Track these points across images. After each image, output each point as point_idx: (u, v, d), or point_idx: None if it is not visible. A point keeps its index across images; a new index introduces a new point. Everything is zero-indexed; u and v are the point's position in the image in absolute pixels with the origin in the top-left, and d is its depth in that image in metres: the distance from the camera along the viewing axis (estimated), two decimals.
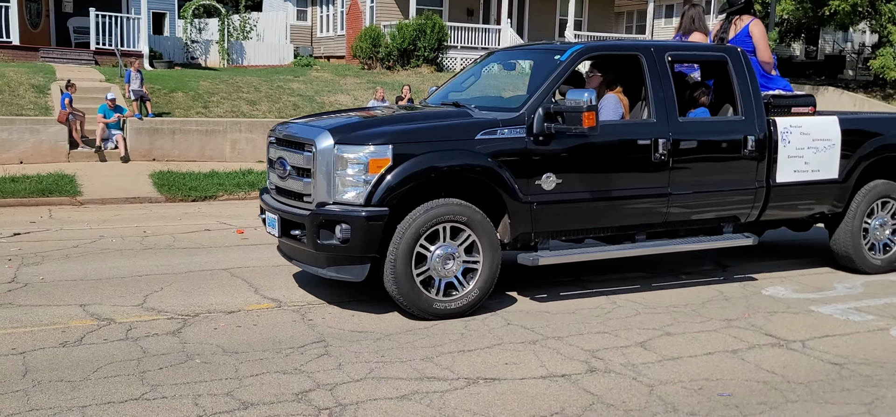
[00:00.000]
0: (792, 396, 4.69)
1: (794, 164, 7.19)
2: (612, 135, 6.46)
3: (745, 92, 7.04)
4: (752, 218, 7.22)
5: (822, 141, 7.30)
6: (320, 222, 5.78)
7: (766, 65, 7.77)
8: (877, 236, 7.76)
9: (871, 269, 7.72)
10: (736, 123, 7.01)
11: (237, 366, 4.94)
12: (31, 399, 4.38)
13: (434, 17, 25.66)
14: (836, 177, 7.42)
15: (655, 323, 6.05)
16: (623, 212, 6.60)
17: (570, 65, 6.49)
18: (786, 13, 27.70)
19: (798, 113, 7.37)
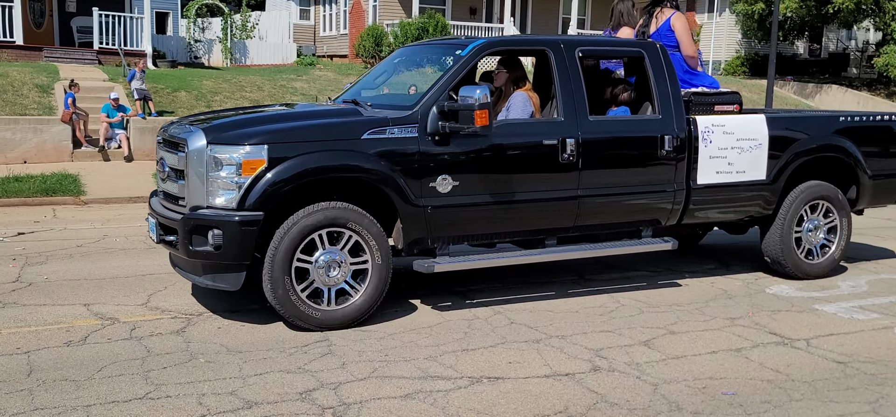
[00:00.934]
0: (796, 395, 4.68)
1: (717, 165, 6.86)
2: (515, 135, 6.15)
3: (662, 89, 6.70)
4: (673, 221, 6.89)
5: (748, 141, 6.97)
6: (192, 227, 5.44)
7: (691, 60, 7.43)
8: (810, 239, 7.41)
9: (803, 274, 7.39)
10: (652, 122, 6.66)
11: (241, 365, 4.94)
12: (35, 398, 4.39)
13: (437, 16, 25.66)
14: (764, 179, 7.08)
15: (659, 322, 6.05)
16: (528, 216, 6.27)
17: (470, 61, 6.17)
18: (789, 11, 27.64)
19: (722, 111, 7.07)
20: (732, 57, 33.02)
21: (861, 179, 7.57)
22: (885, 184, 7.81)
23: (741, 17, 30.38)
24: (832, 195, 7.43)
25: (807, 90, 28.94)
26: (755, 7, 28.49)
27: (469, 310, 6.25)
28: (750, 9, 28.76)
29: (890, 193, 7.93)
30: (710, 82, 7.49)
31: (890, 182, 7.85)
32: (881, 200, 7.94)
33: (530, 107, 6.47)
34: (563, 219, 6.40)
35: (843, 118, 7.57)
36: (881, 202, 7.99)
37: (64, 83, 17.06)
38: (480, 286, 7.01)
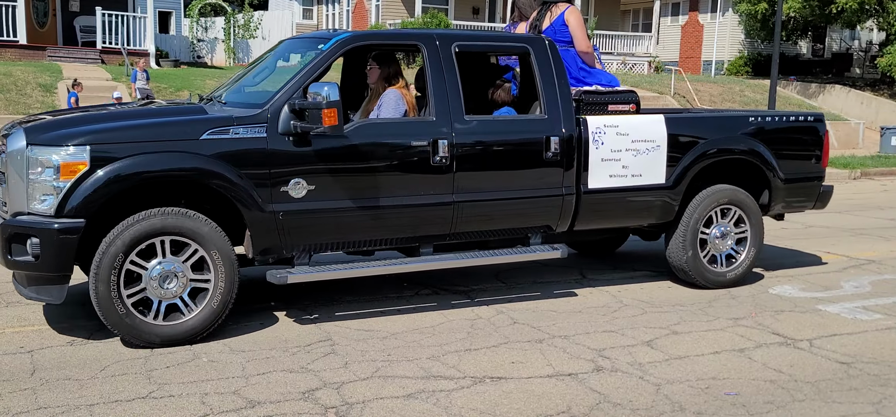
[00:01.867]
0: (799, 395, 4.68)
1: (610, 168, 6.43)
2: (379, 136, 5.73)
3: (549, 87, 6.25)
4: (564, 228, 6.47)
5: (645, 142, 6.53)
6: (10, 235, 5.02)
7: (587, 56, 6.94)
8: (717, 247, 6.95)
9: (710, 284, 6.94)
10: (537, 123, 6.24)
11: (244, 365, 4.95)
12: (39, 397, 4.40)
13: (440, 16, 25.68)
14: (663, 183, 6.64)
15: (662, 322, 6.05)
16: (398, 223, 5.86)
17: (331, 56, 5.74)
18: (793, 11, 27.61)
19: (617, 111, 6.63)
20: (735, 57, 33.00)
21: (773, 183, 7.12)
22: (801, 189, 7.37)
23: (744, 16, 30.35)
24: (742, 200, 6.98)
25: (810, 90, 28.90)
26: (758, 7, 28.46)
27: (472, 310, 6.25)
28: (753, 9, 28.73)
29: (806, 198, 7.46)
30: (607, 80, 7.01)
31: (806, 186, 7.39)
32: (797, 205, 7.50)
33: (403, 105, 6.07)
34: (439, 226, 5.99)
35: (754, 118, 7.19)
36: (797, 207, 7.53)
37: (67, 82, 17.09)
38: (483, 285, 7.01)
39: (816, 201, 7.54)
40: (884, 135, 22.65)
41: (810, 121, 7.46)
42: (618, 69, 29.17)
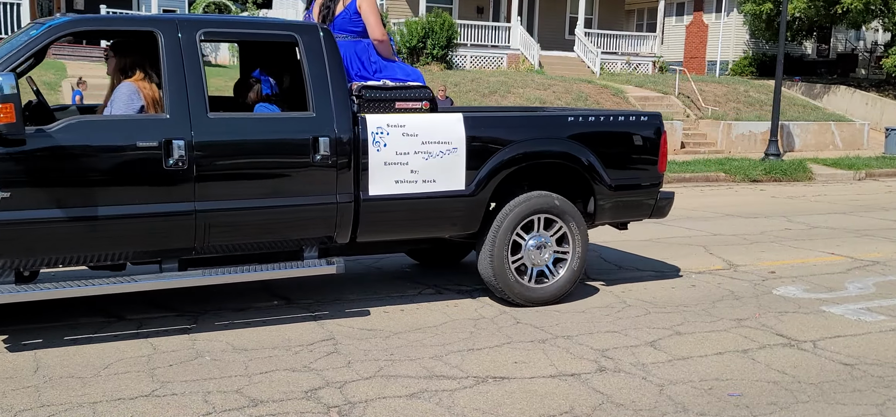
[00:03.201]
0: (803, 396, 4.67)
1: (396, 173, 5.75)
2: (93, 136, 5.03)
3: (319, 81, 5.57)
4: (345, 239, 5.78)
5: (439, 144, 5.86)
6: None
7: (382, 46, 6.30)
8: (533, 260, 6.26)
9: (524, 300, 6.27)
10: (302, 121, 5.56)
11: (247, 364, 4.95)
12: (42, 395, 4.41)
13: (444, 15, 25.66)
14: (463, 189, 5.95)
15: (665, 323, 6.04)
16: (123, 235, 5.12)
17: (40, 42, 5.08)
18: (798, 11, 27.56)
19: (405, 109, 6.00)
20: (740, 57, 32.96)
21: (597, 190, 6.43)
22: (633, 196, 6.71)
23: (749, 17, 30.31)
24: (560, 209, 6.26)
25: (815, 91, 28.84)
26: (763, 7, 28.42)
27: (475, 310, 6.25)
28: (758, 9, 28.69)
29: (641, 207, 6.80)
30: (405, 74, 6.35)
31: (639, 193, 6.73)
32: (629, 214, 6.82)
33: (139, 101, 5.40)
34: (179, 239, 5.27)
35: (574, 118, 6.48)
36: (631, 217, 6.87)
37: (71, 80, 17.12)
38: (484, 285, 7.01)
39: (654, 210, 6.84)
40: (889, 136, 22.60)
41: (644, 121, 6.75)
42: (622, 69, 29.15)
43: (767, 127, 20.84)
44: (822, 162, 19.43)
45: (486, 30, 27.80)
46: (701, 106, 23.43)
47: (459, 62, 26.32)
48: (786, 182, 16.98)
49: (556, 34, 31.00)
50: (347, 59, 6.14)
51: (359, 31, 6.30)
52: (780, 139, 20.65)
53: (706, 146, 21.52)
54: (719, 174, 16.90)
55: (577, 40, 29.11)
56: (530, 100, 20.96)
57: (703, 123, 22.54)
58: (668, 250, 8.85)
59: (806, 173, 17.59)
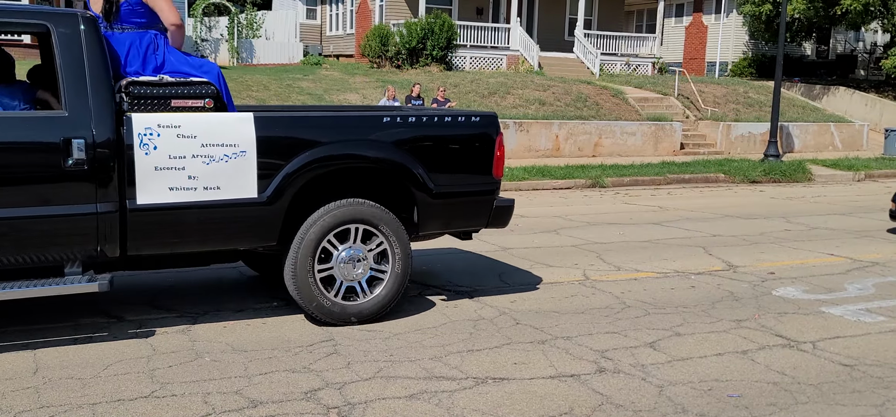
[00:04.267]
0: (802, 398, 4.67)
1: (170, 179, 5.14)
2: None
3: (74, 75, 4.96)
4: (114, 253, 5.19)
5: (223, 147, 5.26)
6: None
7: (178, 32, 5.67)
8: (346, 274, 5.70)
9: (334, 319, 5.70)
10: (50, 122, 4.96)
11: (246, 364, 4.95)
12: (41, 396, 4.40)
13: (443, 16, 25.67)
14: (255, 197, 5.38)
15: (665, 324, 6.04)
16: None
17: None
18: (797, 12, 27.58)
19: (183, 107, 5.37)
20: (739, 58, 32.97)
21: (420, 198, 5.91)
22: (464, 204, 6.19)
23: (748, 18, 30.33)
24: (375, 218, 5.73)
25: (814, 92, 28.85)
26: (763, 8, 28.43)
27: (474, 311, 6.25)
28: (757, 10, 28.71)
29: (474, 215, 6.27)
30: (195, 68, 5.66)
31: (471, 201, 6.20)
32: (461, 223, 6.31)
33: None
34: None
35: (390, 119, 5.93)
36: (462, 225, 6.35)
37: None
38: (485, 286, 7.01)
39: (490, 218, 6.33)
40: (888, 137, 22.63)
41: (476, 122, 6.20)
42: (621, 70, 29.16)
43: (767, 128, 20.85)
44: (822, 163, 19.44)
45: (485, 31, 27.80)
46: (700, 107, 23.44)
47: (459, 63, 26.32)
48: (785, 183, 16.99)
49: (556, 35, 31.00)
50: (124, 52, 5.50)
51: (143, 22, 5.60)
52: (780, 140, 20.66)
53: (705, 147, 21.53)
54: (719, 175, 16.90)
55: (577, 41, 29.12)
56: (529, 101, 20.96)
57: (703, 124, 22.55)
58: (667, 251, 8.85)
59: (805, 174, 17.61)
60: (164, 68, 5.55)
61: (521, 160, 18.37)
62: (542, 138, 19.32)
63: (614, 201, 13.50)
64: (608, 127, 20.14)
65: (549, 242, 9.30)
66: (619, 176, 16.10)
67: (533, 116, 19.85)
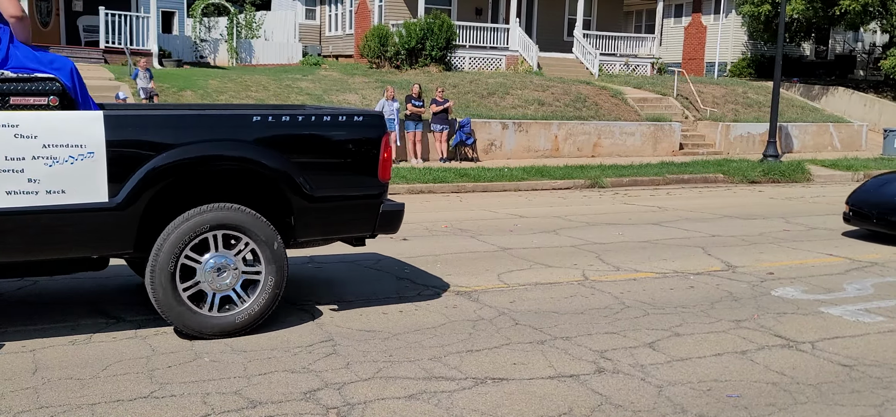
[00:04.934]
0: (801, 398, 4.67)
1: (7, 182, 4.80)
2: None
3: None
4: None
5: (69, 148, 4.92)
6: None
7: (19, 25, 5.31)
8: (214, 284, 5.38)
9: (202, 332, 5.37)
10: None
11: (245, 365, 4.95)
12: (40, 396, 4.40)
13: (442, 16, 25.66)
14: (105, 202, 5.03)
15: (664, 324, 6.04)
16: None
17: None
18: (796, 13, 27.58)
19: (23, 105, 5.01)
20: (738, 58, 32.98)
21: (295, 202, 5.57)
22: (346, 210, 5.86)
23: (747, 18, 30.33)
24: (243, 224, 5.38)
25: (813, 92, 28.86)
26: (761, 8, 28.44)
27: (474, 311, 6.25)
28: (756, 10, 28.72)
29: (358, 221, 5.93)
30: (43, 63, 5.26)
31: (353, 206, 5.87)
32: (344, 229, 5.96)
33: None
34: None
35: (261, 118, 5.55)
36: (345, 231, 5.99)
37: None
38: (484, 287, 7.01)
39: (377, 224, 5.97)
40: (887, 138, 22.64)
41: (359, 122, 5.86)
42: (621, 70, 29.16)
43: (766, 128, 20.85)
44: (821, 163, 19.45)
45: (484, 31, 27.79)
46: (699, 107, 23.44)
47: (458, 64, 26.31)
48: (784, 183, 17.00)
49: (555, 35, 30.99)
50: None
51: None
52: (779, 140, 20.67)
53: (705, 147, 21.54)
54: (718, 175, 16.91)
55: (576, 42, 29.11)
56: (528, 102, 20.96)
57: (702, 124, 22.55)
58: (666, 251, 8.85)
59: (804, 174, 17.61)
60: (7, 64, 5.14)
61: (521, 160, 18.37)
62: (541, 138, 19.32)
63: (613, 201, 13.50)
64: (607, 127, 20.14)
65: (549, 242, 9.30)
66: (618, 176, 16.10)
67: (532, 117, 19.85)
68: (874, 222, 9.84)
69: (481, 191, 14.52)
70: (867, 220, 9.97)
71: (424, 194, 13.90)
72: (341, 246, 7.00)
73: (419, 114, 17.60)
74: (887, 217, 9.68)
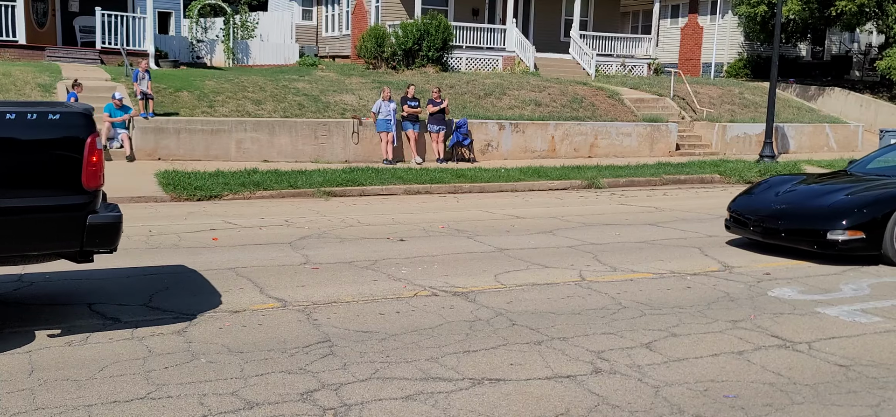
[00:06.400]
0: (798, 398, 4.68)
1: None
2: None
3: None
4: None
5: None
6: None
7: None
8: None
9: None
10: None
11: (242, 366, 4.94)
12: (36, 397, 4.39)
13: (439, 17, 25.64)
14: None
15: (661, 324, 6.04)
16: None
17: None
18: (792, 13, 27.61)
19: None
20: (734, 59, 33.01)
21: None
22: (39, 225, 5.10)
23: (743, 19, 30.36)
24: None
25: (809, 93, 28.91)
26: (758, 9, 28.47)
27: (471, 312, 6.24)
28: (752, 11, 28.75)
29: (54, 235, 5.18)
30: None
31: (49, 220, 5.12)
32: (37, 245, 5.21)
33: None
34: None
35: None
36: (40, 247, 5.24)
37: (66, 83, 17.07)
38: (481, 287, 7.01)
39: (86, 238, 5.20)
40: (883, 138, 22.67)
41: (54, 120, 5.07)
42: (617, 71, 29.17)
43: (762, 129, 20.88)
44: (817, 163, 19.47)
45: (481, 32, 27.78)
46: (696, 108, 23.46)
47: (455, 64, 26.30)
48: None
49: (552, 36, 30.99)
50: None
51: None
52: (775, 141, 20.69)
53: (701, 148, 21.55)
54: (714, 176, 16.92)
55: (572, 42, 29.11)
56: (525, 103, 20.96)
57: (698, 125, 22.57)
58: (663, 252, 8.86)
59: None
60: None
61: (517, 161, 18.37)
62: (537, 139, 19.32)
63: (610, 202, 13.50)
64: (604, 128, 20.15)
65: (546, 243, 9.30)
66: (615, 176, 16.11)
67: (529, 117, 19.85)
68: (751, 229, 8.98)
69: (478, 191, 14.52)
70: (744, 227, 9.10)
71: (421, 195, 13.89)
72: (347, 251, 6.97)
73: (416, 115, 17.59)
74: (764, 224, 8.80)
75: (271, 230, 9.85)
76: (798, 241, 8.55)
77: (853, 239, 8.20)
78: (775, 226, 8.68)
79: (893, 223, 8.22)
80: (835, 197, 8.72)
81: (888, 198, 8.43)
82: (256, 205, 12.03)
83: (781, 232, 8.63)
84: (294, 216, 11.01)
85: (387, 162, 16.94)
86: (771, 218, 8.78)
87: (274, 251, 8.45)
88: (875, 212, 8.30)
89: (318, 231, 9.83)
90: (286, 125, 17.08)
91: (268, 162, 16.37)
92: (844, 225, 8.23)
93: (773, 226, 8.70)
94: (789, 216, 8.70)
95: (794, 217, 8.68)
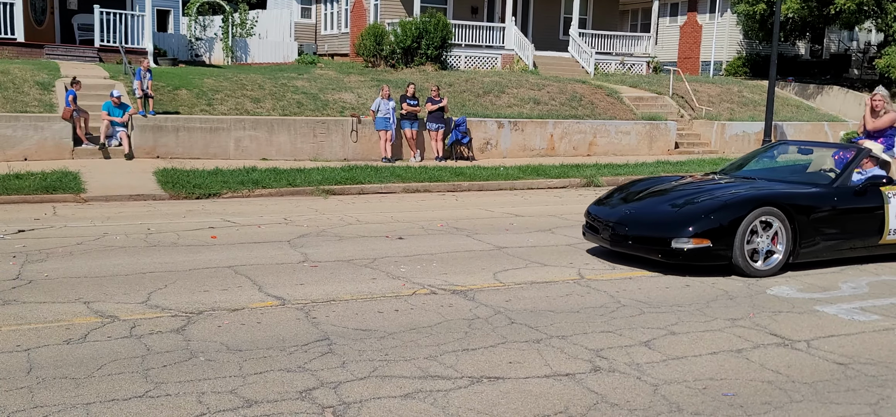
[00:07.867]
0: (797, 396, 4.68)
1: None
2: None
3: None
4: None
5: None
6: None
7: None
8: None
9: None
10: None
11: (241, 364, 4.94)
12: (35, 396, 4.39)
13: (438, 15, 25.64)
14: None
15: (660, 323, 6.04)
16: None
17: None
18: (791, 12, 27.61)
19: None
20: (733, 58, 33.01)
21: None
22: None
23: (743, 17, 30.36)
24: None
25: (808, 91, 28.91)
26: (757, 7, 28.47)
27: (470, 310, 6.24)
28: (751, 9, 28.75)
29: None
30: None
31: None
32: None
33: None
34: None
35: None
36: None
37: (65, 80, 17.05)
38: (481, 286, 7.01)
39: None
40: None
41: None
42: (616, 69, 29.17)
43: (761, 127, 20.88)
44: None
45: (480, 30, 27.78)
46: (695, 106, 23.47)
47: (454, 62, 26.30)
48: None
49: (551, 34, 31.00)
50: None
51: None
52: (774, 139, 20.69)
53: (700, 146, 21.56)
54: None
55: (572, 40, 29.12)
56: (524, 101, 20.95)
57: (697, 123, 22.58)
58: None
59: None
60: None
61: (516, 159, 18.37)
62: (536, 137, 19.32)
63: None
64: (603, 126, 20.15)
65: (544, 241, 9.30)
66: (614, 175, 16.11)
67: (528, 115, 19.85)
68: (601, 235, 8.24)
69: (477, 189, 14.52)
70: (597, 233, 8.34)
71: (420, 193, 13.89)
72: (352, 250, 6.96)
73: (415, 113, 17.59)
74: (613, 230, 8.03)
75: (270, 228, 9.85)
76: (644, 250, 7.81)
77: (699, 247, 7.44)
78: (623, 233, 7.91)
79: (743, 230, 7.48)
80: (684, 201, 7.99)
81: (738, 202, 7.65)
82: (255, 204, 12.02)
83: (629, 239, 7.87)
84: (293, 214, 11.01)
85: (386, 160, 16.94)
86: (619, 224, 8.00)
87: (273, 249, 8.44)
88: (722, 219, 7.49)
89: (317, 229, 9.83)
90: (285, 123, 17.08)
91: (267, 160, 16.37)
92: (690, 232, 7.47)
93: (621, 233, 7.93)
94: (636, 222, 7.94)
95: (641, 223, 7.91)
